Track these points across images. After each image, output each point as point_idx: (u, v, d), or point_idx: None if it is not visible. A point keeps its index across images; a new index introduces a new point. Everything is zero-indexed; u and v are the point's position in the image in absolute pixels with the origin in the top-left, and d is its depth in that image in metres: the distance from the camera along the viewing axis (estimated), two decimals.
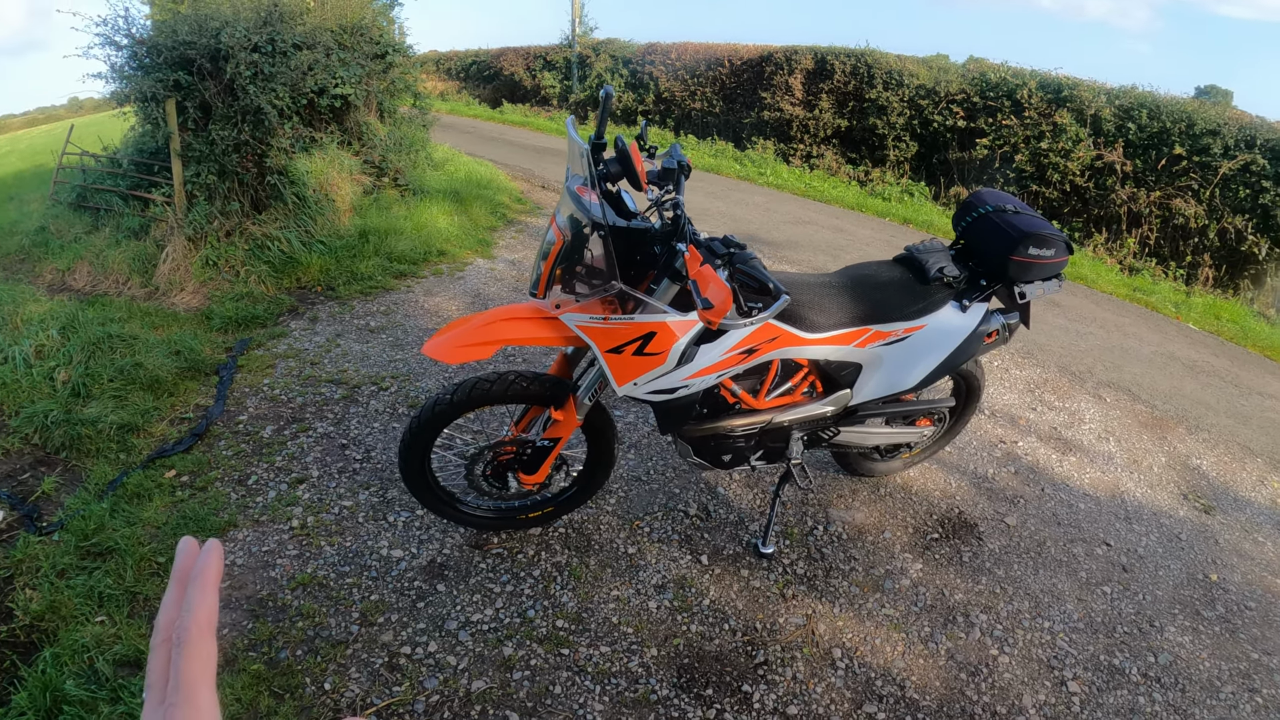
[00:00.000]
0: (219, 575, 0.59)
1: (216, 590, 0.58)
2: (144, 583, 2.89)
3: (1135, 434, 4.79)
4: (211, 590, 0.58)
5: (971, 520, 3.73)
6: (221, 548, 0.61)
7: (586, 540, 3.33)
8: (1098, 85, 10.38)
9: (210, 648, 0.55)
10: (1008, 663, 2.95)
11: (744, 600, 3.10)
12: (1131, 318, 7.17)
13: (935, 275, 2.97)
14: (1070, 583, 3.40)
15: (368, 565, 3.09)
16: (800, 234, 8.63)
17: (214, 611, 0.57)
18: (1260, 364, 6.50)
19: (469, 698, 2.58)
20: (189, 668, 0.54)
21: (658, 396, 2.67)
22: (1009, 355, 5.71)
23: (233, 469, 3.61)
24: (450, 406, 2.74)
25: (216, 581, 0.58)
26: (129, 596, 2.83)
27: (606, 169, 2.49)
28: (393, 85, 7.55)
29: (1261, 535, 3.96)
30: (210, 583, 0.58)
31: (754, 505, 3.66)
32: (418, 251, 6.48)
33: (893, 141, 12.19)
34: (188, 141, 5.98)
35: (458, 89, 21.97)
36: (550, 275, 2.46)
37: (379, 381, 4.40)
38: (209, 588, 0.58)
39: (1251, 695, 2.95)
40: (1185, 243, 9.41)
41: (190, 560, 0.60)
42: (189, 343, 4.60)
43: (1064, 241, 3.02)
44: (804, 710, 2.66)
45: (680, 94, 15.52)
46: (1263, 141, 8.87)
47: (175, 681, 0.53)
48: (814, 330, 2.78)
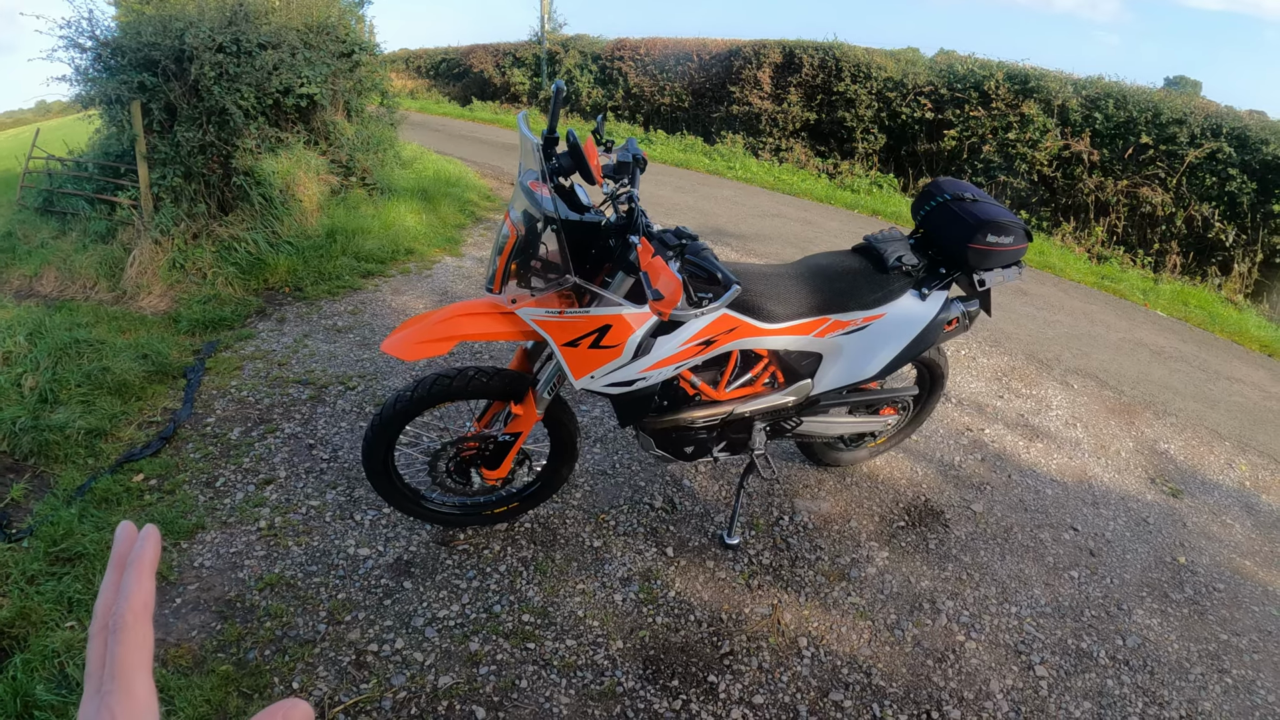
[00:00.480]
0: (155, 560, 0.58)
1: (153, 576, 0.57)
2: None
3: (1102, 420, 4.84)
4: (148, 575, 0.57)
5: (938, 508, 3.75)
6: (158, 533, 0.60)
7: (552, 535, 3.33)
8: (1064, 76, 10.46)
9: (146, 633, 0.54)
10: (975, 648, 2.97)
11: (710, 591, 3.10)
12: (1099, 305, 7.24)
13: (894, 264, 2.99)
14: (1037, 568, 3.43)
15: (335, 564, 3.07)
16: (769, 227, 8.66)
17: (150, 596, 0.56)
18: (1227, 349, 6.58)
19: (436, 693, 2.58)
20: (125, 654, 0.53)
21: (616, 389, 2.68)
22: (976, 343, 5.75)
23: (201, 471, 3.59)
24: (411, 403, 2.74)
25: (153, 567, 0.57)
26: None
27: (559, 163, 2.49)
28: (360, 84, 7.51)
29: (1229, 517, 4.01)
30: (146, 568, 0.57)
31: (719, 497, 3.67)
32: (385, 250, 6.46)
33: (861, 134, 12.25)
34: (153, 144, 5.93)
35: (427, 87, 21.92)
36: (506, 270, 2.46)
37: (346, 381, 4.39)
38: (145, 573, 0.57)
39: (1221, 676, 2.99)
40: (1153, 230, 9.50)
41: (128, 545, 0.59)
42: (156, 346, 4.56)
43: (1022, 228, 3.04)
44: (770, 699, 2.67)
45: (649, 89, 15.53)
46: (1229, 130, 8.96)
47: (111, 669, 0.52)
48: (773, 320, 2.79)
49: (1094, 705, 2.79)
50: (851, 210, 10.12)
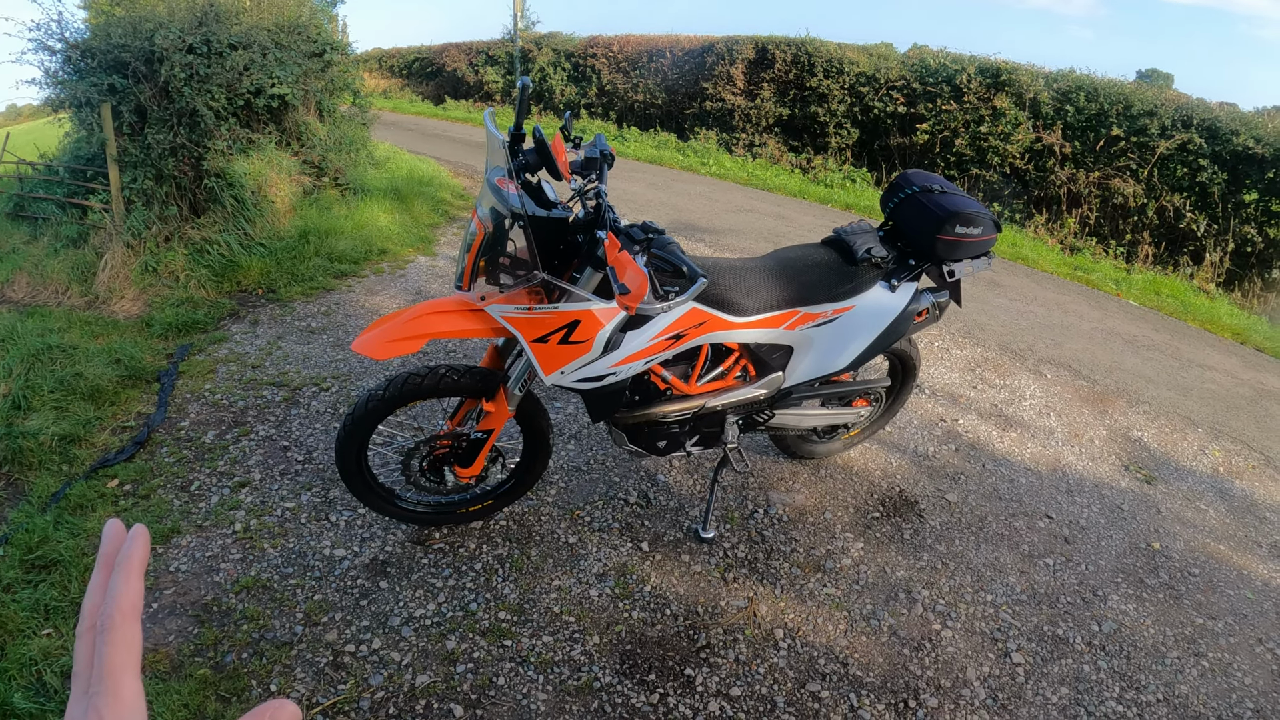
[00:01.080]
0: (145, 560, 0.58)
1: (141, 576, 0.57)
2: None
3: (1076, 409, 4.88)
4: (136, 575, 0.56)
5: (912, 498, 3.77)
6: (147, 533, 0.59)
7: (527, 532, 3.33)
8: (1036, 69, 10.54)
9: (135, 634, 0.54)
10: (951, 637, 2.99)
11: (685, 585, 3.11)
12: (1072, 295, 7.30)
13: (863, 256, 3.01)
14: (1012, 556, 3.46)
15: (311, 566, 3.06)
16: (742, 222, 8.69)
17: (139, 597, 0.56)
18: (1200, 337, 6.65)
19: (414, 693, 2.57)
20: (112, 655, 0.52)
21: (586, 384, 2.68)
22: (950, 335, 5.79)
23: (175, 475, 3.56)
24: (382, 402, 2.73)
25: (142, 567, 0.57)
26: (75, 608, 2.77)
27: (525, 159, 2.49)
28: (331, 84, 7.46)
29: (1203, 503, 4.05)
30: (135, 568, 0.57)
31: (694, 491, 3.68)
32: (359, 251, 6.43)
33: (834, 129, 12.29)
34: (124, 146, 5.88)
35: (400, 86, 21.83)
36: (474, 267, 2.46)
37: (320, 382, 4.37)
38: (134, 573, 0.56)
39: (1197, 659, 3.02)
40: (1125, 221, 9.58)
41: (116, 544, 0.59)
42: (129, 351, 4.52)
43: (991, 220, 3.06)
44: (747, 691, 2.68)
45: (623, 86, 15.54)
46: (1199, 121, 9.05)
47: (99, 670, 0.52)
48: (742, 314, 2.80)
49: (1071, 691, 2.81)
50: (825, 205, 10.16)
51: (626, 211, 8.56)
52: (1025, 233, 9.76)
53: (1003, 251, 8.51)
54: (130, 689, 0.52)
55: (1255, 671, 3.00)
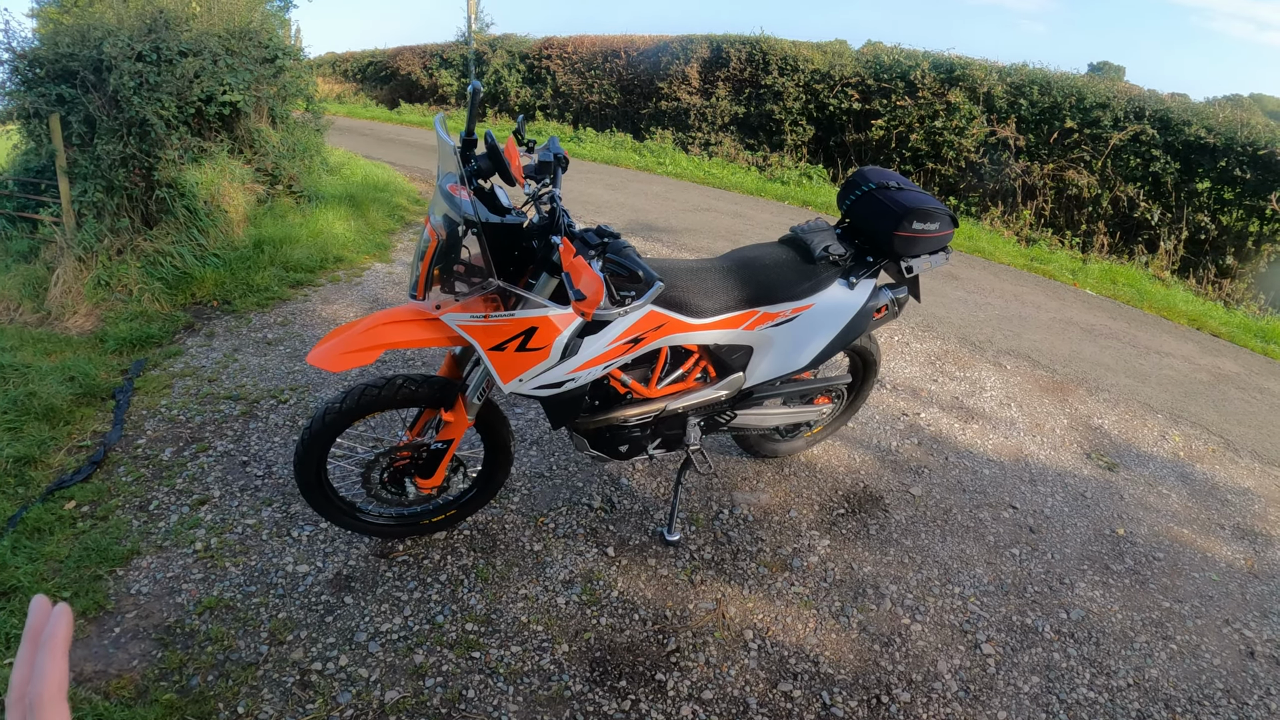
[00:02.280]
0: (68, 639, 0.59)
1: (65, 655, 0.58)
2: None
3: (1036, 399, 4.94)
4: (60, 655, 0.58)
5: (877, 493, 3.79)
6: (70, 612, 0.61)
7: (492, 541, 3.30)
8: (989, 64, 10.64)
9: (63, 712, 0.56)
10: (920, 630, 3.01)
11: (653, 589, 3.10)
12: (1029, 287, 7.38)
13: (821, 254, 3.02)
14: (978, 547, 3.49)
15: (274, 583, 3.01)
16: (700, 221, 8.71)
17: (64, 677, 0.57)
18: (1156, 324, 6.75)
19: (383, 709, 2.54)
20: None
21: (545, 391, 2.65)
22: (909, 329, 5.83)
23: (133, 495, 3.49)
24: (340, 415, 2.70)
25: (65, 645, 0.59)
26: None
27: (477, 165, 2.46)
28: (284, 90, 7.35)
29: (1165, 488, 4.12)
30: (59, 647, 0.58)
31: (658, 494, 3.68)
32: (314, 259, 6.34)
33: (790, 126, 12.35)
34: (74, 158, 5.76)
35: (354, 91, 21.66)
36: (429, 276, 2.43)
37: (278, 395, 4.30)
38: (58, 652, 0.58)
39: (1166, 643, 3.07)
40: (1080, 212, 9.71)
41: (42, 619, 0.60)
42: (83, 368, 4.42)
43: (948, 215, 3.09)
44: (719, 694, 2.68)
45: (578, 87, 15.51)
46: (1151, 112, 9.20)
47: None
48: (701, 315, 2.79)
49: (1042, 679, 2.85)
50: (782, 202, 10.21)
51: (583, 213, 8.55)
52: (981, 225, 9.86)
53: (959, 244, 8.60)
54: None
55: (1223, 652, 3.05)
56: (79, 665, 2.65)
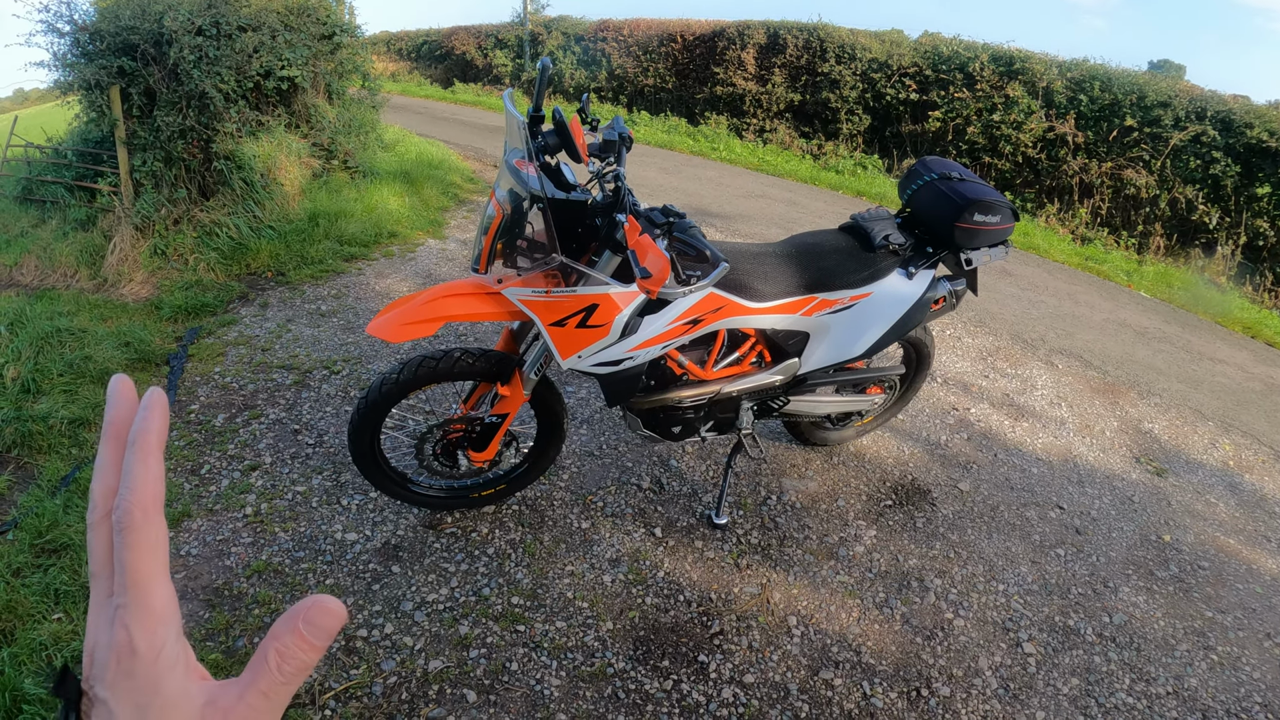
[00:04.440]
0: (164, 435, 0.48)
1: (161, 455, 0.47)
2: None
3: (1087, 399, 4.86)
4: (155, 457, 0.47)
5: (925, 486, 3.76)
6: (165, 399, 0.49)
7: (540, 517, 3.32)
8: (1049, 58, 10.47)
9: (160, 533, 0.46)
10: (963, 626, 2.98)
11: (698, 571, 3.11)
12: (1083, 286, 7.26)
13: (881, 243, 2.98)
14: (1024, 546, 3.45)
15: (322, 550, 3.06)
16: (753, 207, 8.65)
17: (161, 485, 0.46)
18: (1211, 330, 6.61)
19: (426, 678, 2.57)
20: (136, 560, 0.45)
21: (603, 369, 2.66)
22: (961, 323, 5.76)
23: (185, 459, 3.55)
24: (397, 386, 2.72)
25: (161, 443, 0.47)
26: (85, 592, 2.76)
27: (544, 141, 2.46)
28: (341, 66, 7.42)
29: (1213, 496, 4.03)
30: (153, 447, 0.47)
31: (707, 477, 3.67)
32: (368, 234, 6.40)
33: (845, 115, 12.23)
34: (133, 129, 5.87)
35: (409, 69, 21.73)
36: (491, 250, 2.44)
37: (330, 365, 4.35)
38: (151, 454, 0.47)
39: (1206, 653, 3.01)
40: (1136, 212, 9.53)
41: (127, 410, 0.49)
42: (138, 334, 4.51)
43: (1009, 208, 3.04)
44: (760, 678, 2.67)
45: (633, 70, 15.45)
46: (1213, 113, 8.99)
47: (121, 578, 0.45)
48: (759, 299, 2.78)
49: (1082, 682, 2.81)
50: (836, 191, 10.11)
51: (639, 196, 8.49)
52: (1037, 222, 9.71)
53: (1014, 241, 8.41)
54: (160, 597, 0.45)
55: (1264, 666, 2.99)
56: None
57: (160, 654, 0.44)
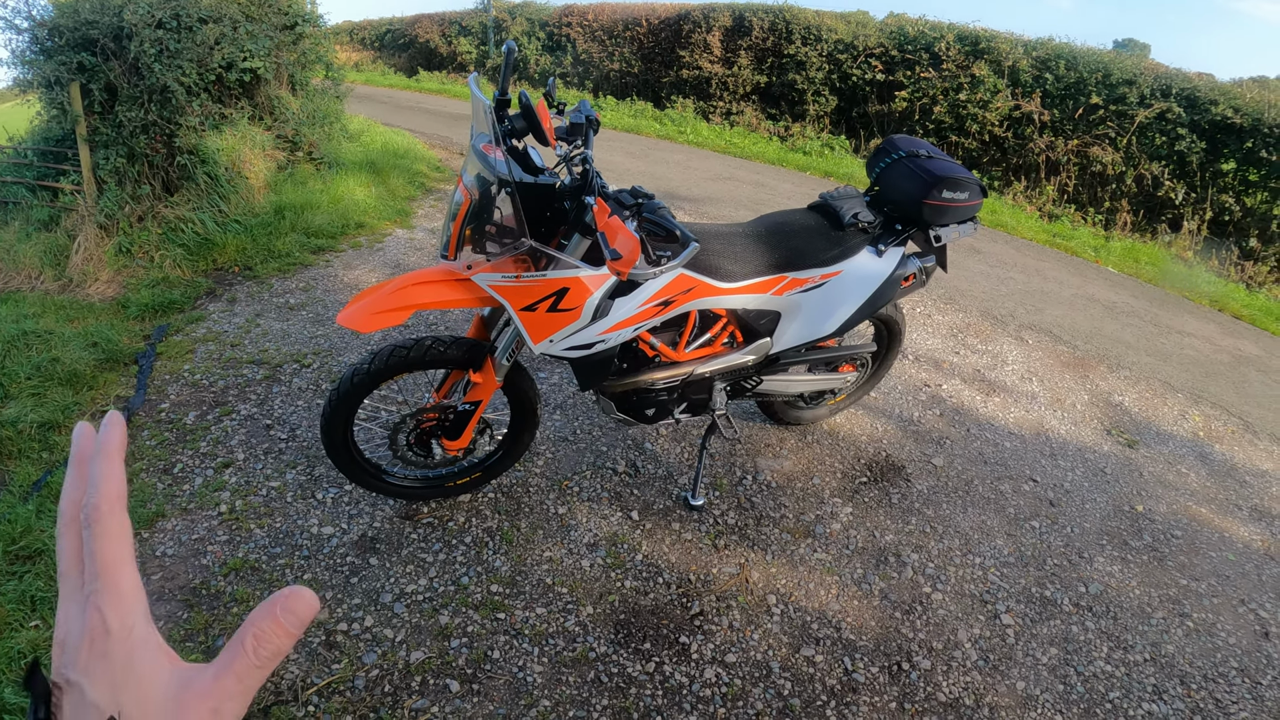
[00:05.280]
0: (123, 446, 0.55)
1: (122, 462, 0.54)
2: None
3: (1057, 374, 4.91)
4: (117, 462, 0.54)
5: (899, 463, 3.79)
6: (122, 419, 0.56)
7: (516, 504, 3.31)
8: (1015, 37, 10.52)
9: (124, 523, 0.52)
10: (941, 599, 3.02)
11: (677, 553, 3.11)
12: (1051, 262, 7.33)
13: (850, 221, 2.99)
14: (999, 519, 3.49)
15: (299, 545, 3.03)
16: (721, 190, 8.66)
17: (123, 484, 0.53)
18: (1178, 304, 6.70)
19: (408, 669, 2.56)
20: (104, 548, 0.50)
21: (575, 353, 2.65)
22: (931, 301, 5.81)
23: (157, 458, 3.51)
24: (368, 376, 2.70)
25: (121, 453, 0.54)
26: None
27: (511, 125, 2.44)
28: (304, 57, 7.34)
29: (1185, 466, 4.10)
30: (114, 453, 0.54)
31: (682, 459, 3.68)
32: (335, 225, 6.34)
33: (812, 96, 12.23)
34: (94, 126, 5.76)
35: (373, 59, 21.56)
36: (460, 236, 2.41)
37: (301, 359, 4.31)
38: (114, 460, 0.53)
39: (1182, 620, 3.07)
40: (1103, 189, 9.61)
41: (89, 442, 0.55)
42: (106, 334, 4.44)
43: (977, 185, 3.06)
44: (742, 657, 2.69)
45: (598, 55, 15.38)
46: (1178, 90, 9.07)
47: (92, 567, 0.50)
48: (730, 280, 2.78)
49: (1060, 651, 2.85)
50: (803, 172, 10.14)
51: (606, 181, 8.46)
52: (1004, 200, 9.77)
53: (982, 218, 8.45)
54: (128, 581, 0.50)
55: (1239, 631, 3.05)
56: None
57: (132, 632, 0.49)
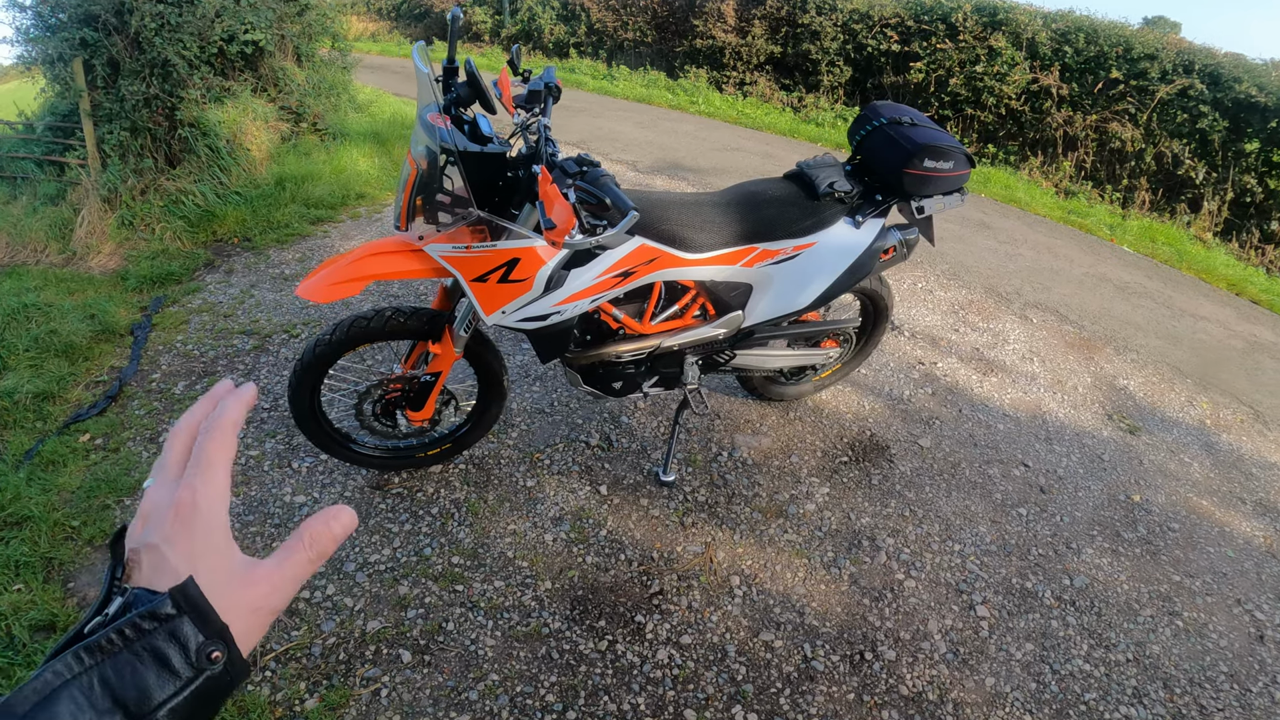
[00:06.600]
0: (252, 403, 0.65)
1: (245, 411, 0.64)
2: (58, 548, 2.86)
3: (1061, 354, 4.80)
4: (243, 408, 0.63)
5: (883, 442, 3.72)
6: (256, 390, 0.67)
7: (486, 475, 3.29)
8: (1034, 9, 10.29)
9: (232, 443, 0.61)
10: (914, 587, 2.96)
11: (642, 530, 3.08)
12: (1064, 239, 7.16)
13: (826, 190, 2.89)
14: (984, 505, 3.41)
15: (271, 513, 3.05)
16: (728, 160, 8.52)
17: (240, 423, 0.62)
18: (1194, 286, 6.52)
19: (364, 638, 2.57)
20: (212, 449, 0.59)
21: (529, 324, 2.60)
22: (934, 276, 5.70)
23: (145, 428, 3.55)
24: (330, 347, 2.68)
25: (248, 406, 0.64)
26: (44, 563, 2.80)
27: (457, 94, 2.40)
28: (309, 28, 7.33)
29: (1188, 456, 3.98)
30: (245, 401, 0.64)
31: (658, 433, 3.64)
32: (336, 196, 6.34)
33: (826, 67, 12.03)
34: (98, 100, 5.82)
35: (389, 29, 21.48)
36: (410, 207, 2.38)
37: (290, 329, 4.32)
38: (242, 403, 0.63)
39: (1171, 619, 2.97)
40: (1122, 166, 9.40)
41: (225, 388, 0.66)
42: (103, 306, 4.50)
43: (963, 154, 2.94)
44: (698, 639, 2.66)
45: (612, 25, 15.18)
46: (1200, 67, 8.83)
47: (196, 458, 0.59)
48: (696, 250, 2.71)
49: (1036, 647, 2.78)
50: (815, 143, 9.96)
51: (610, 151, 8.43)
52: (1019, 175, 9.58)
53: (995, 193, 8.38)
54: (222, 480, 0.59)
55: (1231, 634, 2.94)
56: (83, 590, 2.71)
57: (215, 515, 0.57)
